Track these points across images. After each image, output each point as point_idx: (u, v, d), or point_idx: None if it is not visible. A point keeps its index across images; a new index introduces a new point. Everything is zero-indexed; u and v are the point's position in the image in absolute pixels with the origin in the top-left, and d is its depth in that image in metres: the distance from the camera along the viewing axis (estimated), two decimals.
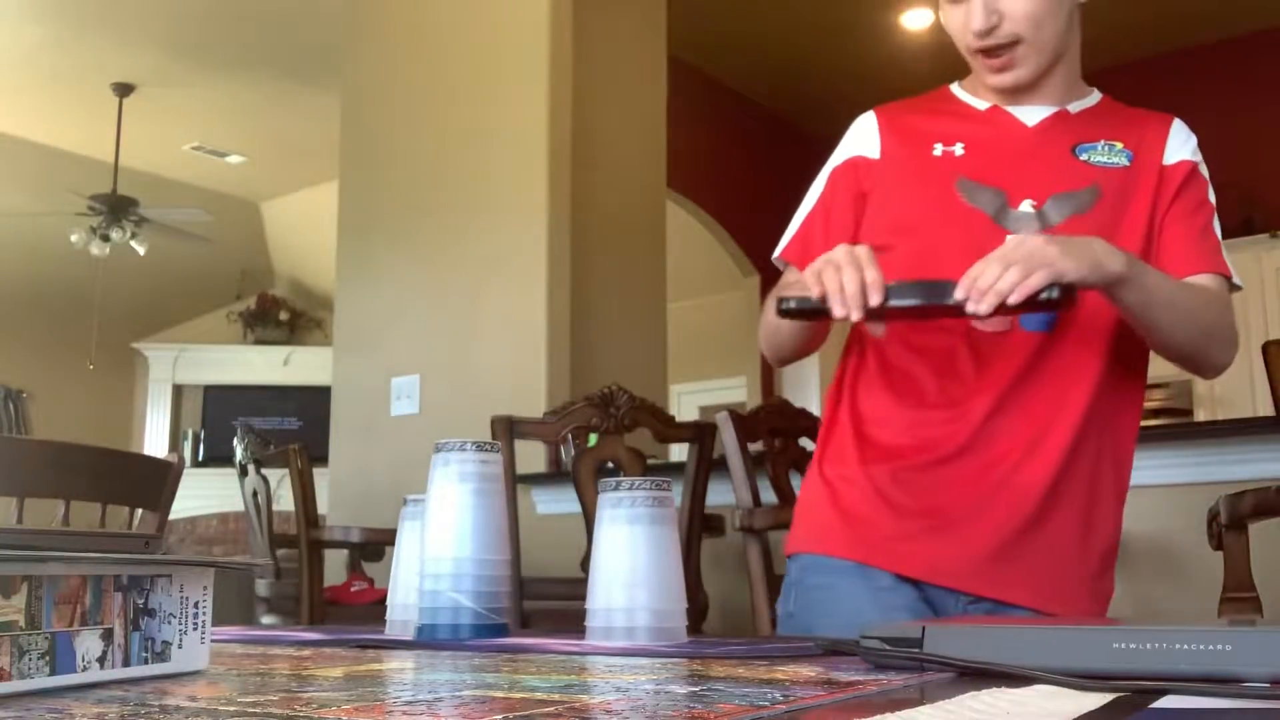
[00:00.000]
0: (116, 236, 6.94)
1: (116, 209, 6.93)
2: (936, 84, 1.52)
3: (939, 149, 1.39)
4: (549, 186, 3.74)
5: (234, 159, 8.02)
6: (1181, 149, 1.39)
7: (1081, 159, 1.36)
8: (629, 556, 0.98)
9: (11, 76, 6.61)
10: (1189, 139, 1.40)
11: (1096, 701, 0.55)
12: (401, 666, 0.76)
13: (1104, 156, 1.36)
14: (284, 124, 7.37)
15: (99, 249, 6.97)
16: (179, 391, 9.68)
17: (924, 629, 0.70)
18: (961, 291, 1.13)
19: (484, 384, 3.72)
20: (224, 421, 8.84)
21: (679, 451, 3.44)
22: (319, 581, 3.20)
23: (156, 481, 1.82)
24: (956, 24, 1.35)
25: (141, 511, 1.80)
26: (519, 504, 2.72)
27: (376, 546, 3.44)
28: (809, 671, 0.70)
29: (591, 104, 3.94)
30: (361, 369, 4.16)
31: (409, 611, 1.09)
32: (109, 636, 0.62)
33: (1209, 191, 1.40)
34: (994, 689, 0.58)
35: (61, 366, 9.04)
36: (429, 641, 0.98)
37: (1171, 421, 5.75)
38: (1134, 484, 1.41)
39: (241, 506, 3.36)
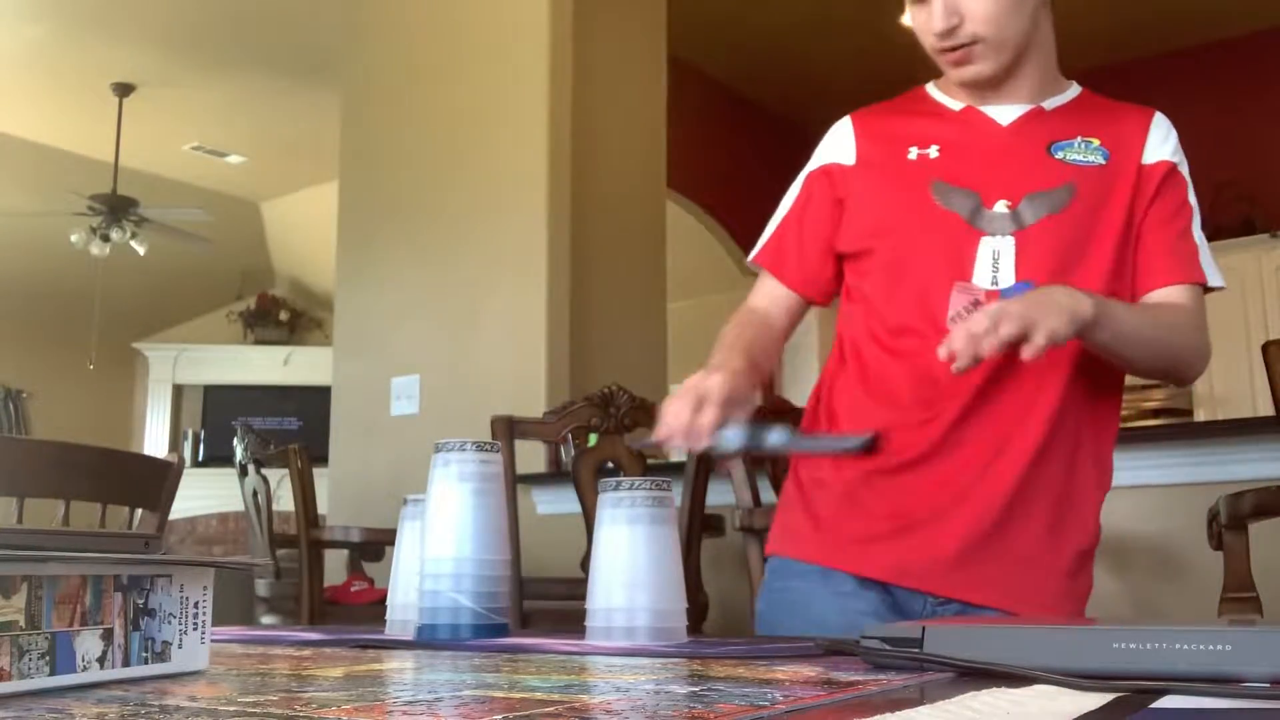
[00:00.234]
0: (116, 236, 6.94)
1: (116, 209, 6.93)
2: None
3: (914, 152, 1.39)
4: (549, 186, 3.74)
5: (234, 159, 8.02)
6: (1161, 147, 1.38)
7: (1057, 157, 1.35)
8: (629, 556, 0.98)
9: (11, 76, 6.61)
10: (1169, 136, 1.39)
11: (1096, 701, 0.55)
12: (401, 666, 0.76)
13: (1080, 154, 1.36)
14: (284, 124, 7.37)
15: (99, 249, 6.97)
16: (179, 391, 9.67)
17: (924, 629, 0.70)
18: (945, 352, 1.15)
19: (484, 384, 3.72)
20: (224, 421, 8.82)
21: (679, 451, 3.44)
22: (319, 581, 3.20)
23: (156, 481, 1.82)
24: (919, 24, 1.36)
25: (141, 511, 1.80)
26: (519, 504, 2.72)
27: (376, 546, 3.45)
28: (809, 671, 0.70)
29: (591, 103, 3.94)
30: (361, 369, 4.16)
31: (409, 611, 1.09)
32: (109, 636, 0.62)
33: (1189, 192, 1.39)
34: (994, 689, 0.58)
35: (61, 366, 9.04)
36: (429, 641, 0.98)
37: (1171, 421, 5.75)
38: (1134, 484, 1.41)
39: (241, 506, 3.36)
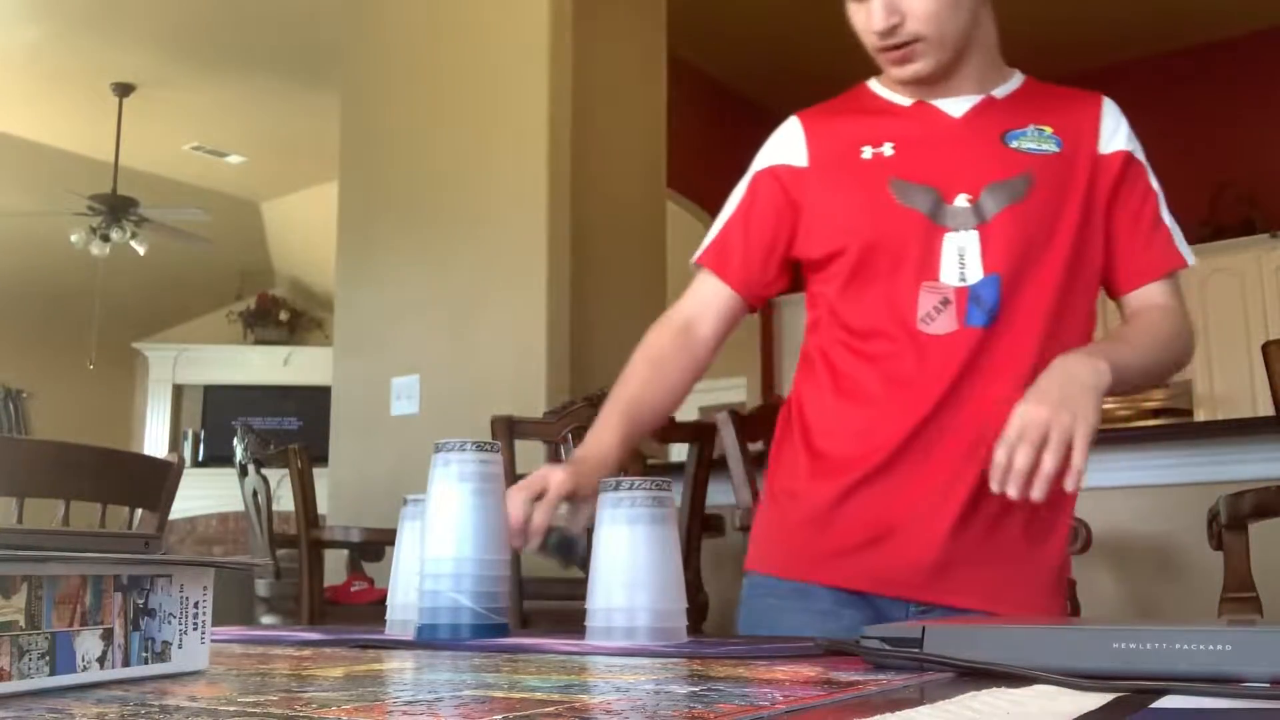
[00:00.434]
0: (116, 236, 6.95)
1: (116, 209, 6.93)
2: None
3: (868, 151, 1.37)
4: (549, 186, 3.74)
5: (234, 159, 8.02)
6: (1115, 136, 1.38)
7: (1012, 146, 1.35)
8: (629, 556, 0.98)
9: (11, 76, 6.61)
10: (1120, 123, 1.39)
11: (1096, 701, 0.55)
12: (401, 666, 0.76)
13: (1034, 143, 1.35)
14: (284, 124, 7.37)
15: (99, 249, 6.97)
16: (179, 391, 9.68)
17: (924, 629, 0.70)
18: (997, 484, 1.15)
19: (484, 384, 3.72)
20: (224, 421, 8.82)
21: (679, 451, 3.44)
22: (319, 581, 3.20)
23: (156, 481, 1.82)
24: (860, 24, 1.34)
25: (141, 511, 1.80)
26: None
27: (376, 546, 3.44)
28: (809, 671, 0.70)
29: (591, 103, 3.94)
30: (361, 369, 4.16)
31: (409, 611, 1.09)
32: (109, 636, 0.62)
33: (1150, 176, 1.39)
34: (994, 689, 0.58)
35: (61, 366, 9.04)
36: (429, 641, 0.98)
37: (1171, 421, 5.75)
38: (1134, 484, 1.41)
39: (241, 506, 3.36)
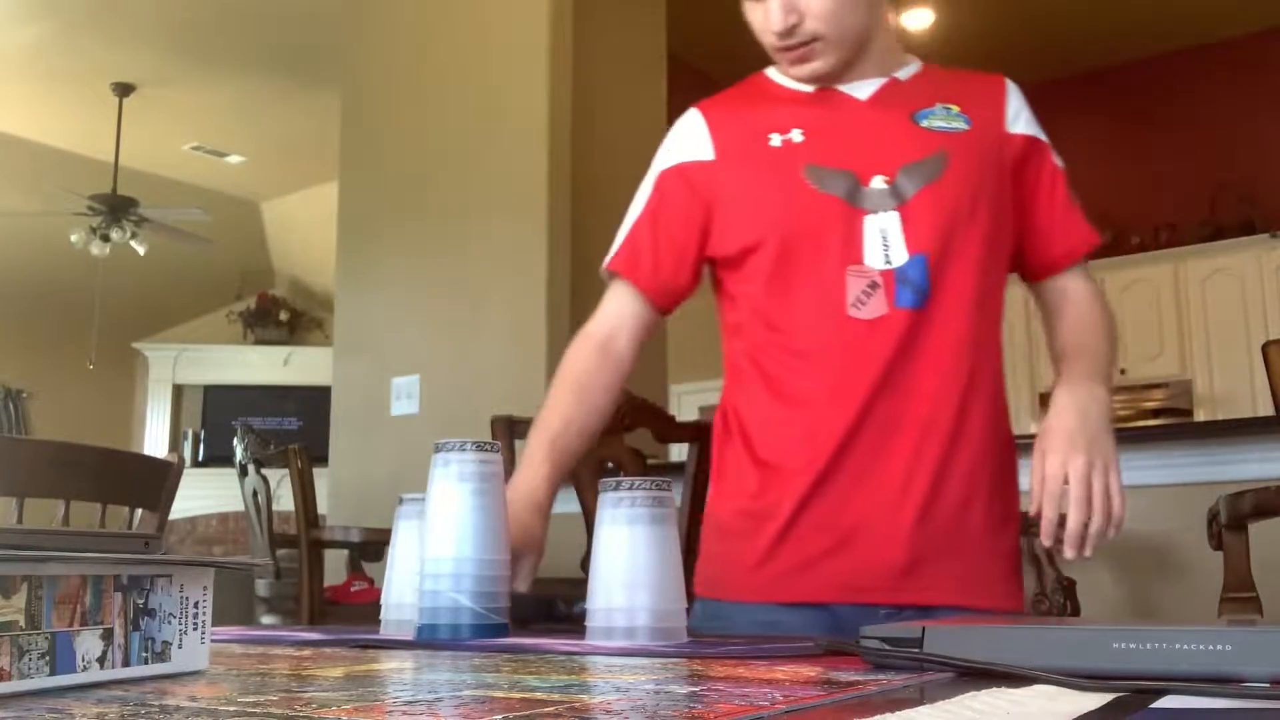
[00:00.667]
0: (116, 236, 6.95)
1: (116, 209, 6.93)
2: None
3: (776, 139, 1.33)
4: (549, 186, 3.74)
5: (234, 159, 8.02)
6: (1019, 118, 1.38)
7: (923, 125, 1.33)
8: (629, 556, 0.97)
9: (11, 76, 6.61)
10: (1024, 104, 1.39)
11: (1096, 701, 0.55)
12: (401, 666, 0.76)
13: (944, 121, 1.33)
14: (284, 124, 7.37)
15: (99, 249, 6.97)
16: (179, 391, 9.68)
17: (924, 629, 0.70)
18: (1049, 540, 1.14)
19: (484, 384, 3.72)
20: (224, 421, 8.83)
21: (679, 451, 3.44)
22: (319, 581, 3.20)
23: (156, 481, 1.82)
24: (757, 23, 1.33)
25: (141, 511, 1.80)
26: None
27: (376, 546, 3.44)
28: (809, 671, 0.70)
29: (592, 104, 3.94)
30: (361, 369, 4.16)
31: (403, 611, 1.09)
32: (109, 636, 0.62)
33: (1054, 155, 1.40)
34: (994, 689, 0.58)
35: (61, 366, 9.04)
36: (429, 641, 0.98)
37: (1171, 421, 5.75)
38: (1134, 484, 1.40)
39: (241, 506, 3.36)
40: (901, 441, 1.27)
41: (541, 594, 1.19)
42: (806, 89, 1.37)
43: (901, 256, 1.27)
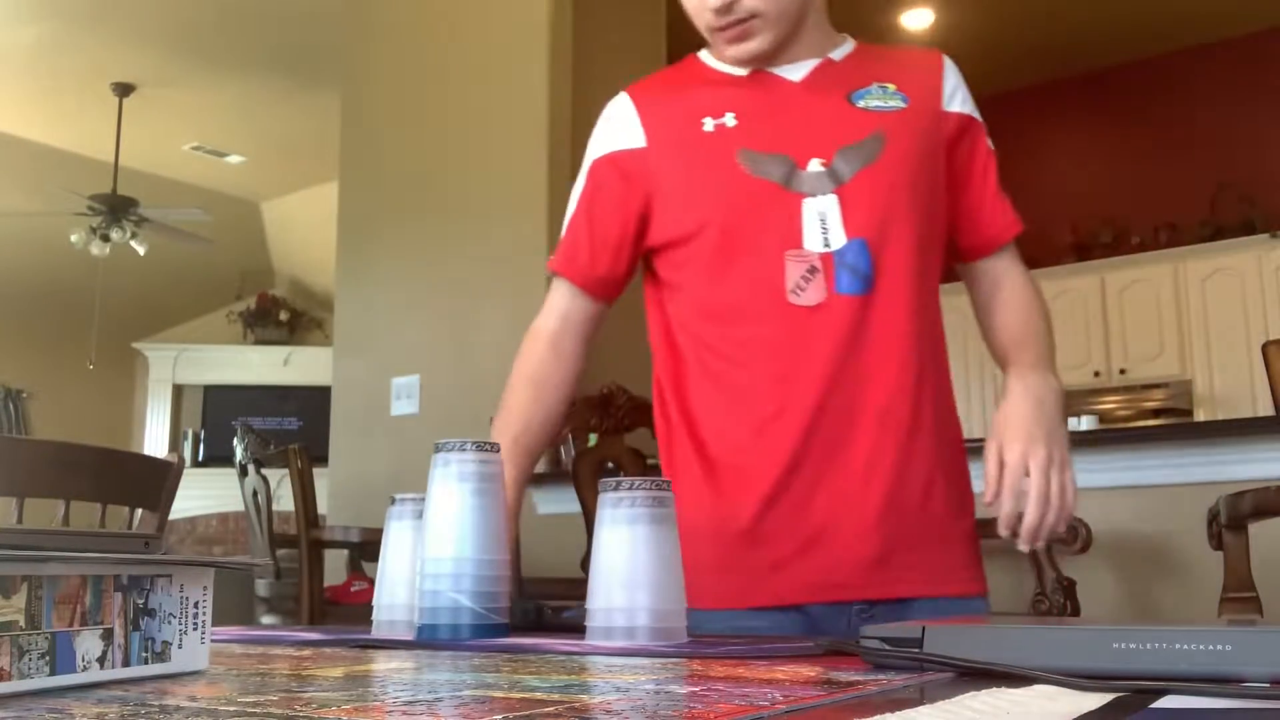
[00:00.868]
0: (116, 236, 6.95)
1: (116, 209, 6.93)
2: None
3: (709, 123, 1.30)
4: (549, 186, 3.74)
5: (234, 159, 8.03)
6: (955, 95, 1.36)
7: (859, 106, 1.31)
8: (629, 556, 0.97)
9: (11, 76, 6.62)
10: (961, 82, 1.38)
11: (1096, 701, 0.55)
12: (401, 666, 0.76)
13: (880, 100, 1.31)
14: (284, 124, 7.37)
15: (99, 249, 6.98)
16: (179, 391, 9.68)
17: (924, 629, 0.70)
18: (1007, 531, 1.14)
19: (484, 384, 3.72)
20: (224, 421, 8.83)
21: None
22: (319, 581, 3.20)
23: (156, 481, 1.82)
24: (693, 2, 1.30)
25: (141, 511, 1.80)
26: None
27: (376, 546, 3.44)
28: (809, 671, 0.70)
29: (592, 104, 3.92)
30: (361, 369, 4.16)
31: (395, 611, 1.10)
32: (109, 636, 0.62)
33: (987, 138, 1.39)
34: (994, 689, 0.58)
35: (61, 366, 9.04)
36: (429, 641, 0.98)
37: (1171, 421, 5.75)
38: (1134, 484, 1.40)
39: (241, 506, 3.36)
40: (859, 433, 1.25)
41: (528, 601, 1.18)
42: (739, 72, 1.34)
43: (840, 240, 1.25)
